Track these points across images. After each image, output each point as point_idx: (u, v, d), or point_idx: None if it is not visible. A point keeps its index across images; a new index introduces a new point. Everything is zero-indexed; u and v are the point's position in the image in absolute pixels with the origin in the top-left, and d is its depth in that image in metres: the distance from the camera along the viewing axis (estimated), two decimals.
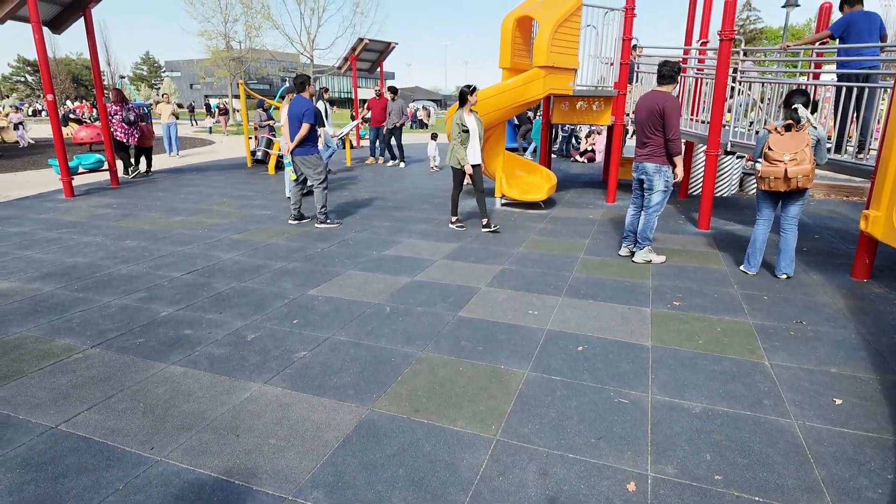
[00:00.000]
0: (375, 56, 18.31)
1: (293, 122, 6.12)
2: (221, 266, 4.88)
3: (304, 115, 6.03)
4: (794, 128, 4.10)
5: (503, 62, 7.48)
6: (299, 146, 6.16)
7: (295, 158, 6.26)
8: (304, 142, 6.16)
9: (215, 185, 9.64)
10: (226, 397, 2.72)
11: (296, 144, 6.13)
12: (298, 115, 6.06)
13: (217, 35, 30.16)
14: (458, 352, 3.22)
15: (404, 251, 5.39)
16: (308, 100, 6.13)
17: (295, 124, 6.11)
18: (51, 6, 8.49)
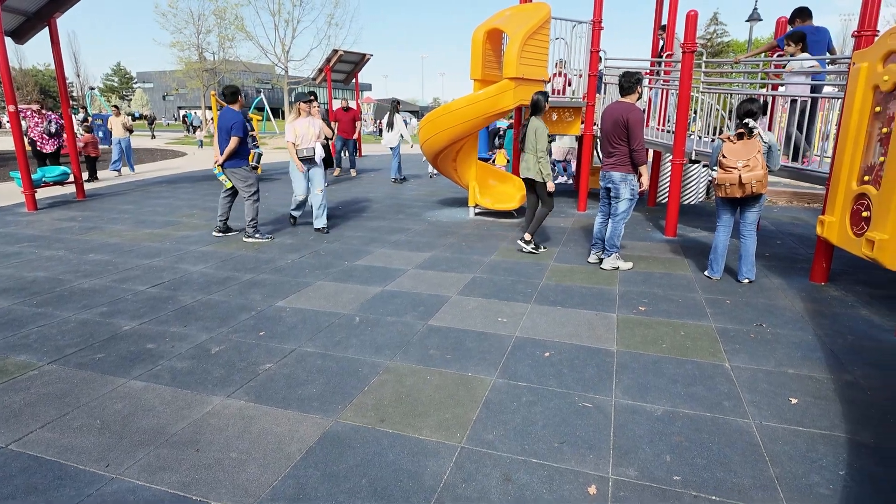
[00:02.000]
0: (351, 67, 18.36)
1: (222, 134, 5.99)
2: (188, 278, 4.80)
3: (233, 129, 5.89)
4: (746, 136, 4.27)
5: (474, 74, 7.56)
6: (229, 159, 6.02)
7: (225, 171, 6.14)
8: (234, 155, 6.02)
9: (185, 196, 9.49)
10: (187, 411, 2.66)
11: (225, 158, 5.99)
12: (227, 127, 5.92)
13: (190, 46, 29.86)
14: (427, 360, 3.21)
15: (376, 261, 5.38)
16: (238, 112, 5.99)
17: (224, 137, 5.97)
18: (13, 16, 8.30)
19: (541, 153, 5.38)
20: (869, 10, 4.18)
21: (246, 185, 6.15)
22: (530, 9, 7.64)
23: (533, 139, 5.37)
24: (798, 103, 5.30)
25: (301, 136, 6.26)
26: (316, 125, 6.38)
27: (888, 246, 3.60)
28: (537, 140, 5.35)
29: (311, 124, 6.33)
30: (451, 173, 8.00)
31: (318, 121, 6.44)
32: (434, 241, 6.26)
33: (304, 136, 6.26)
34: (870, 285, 4.56)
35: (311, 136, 6.31)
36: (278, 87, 29.56)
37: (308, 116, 6.37)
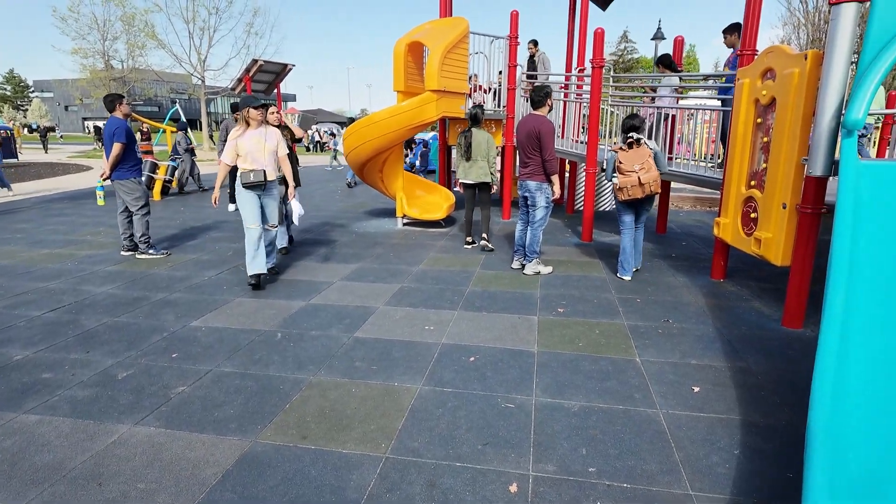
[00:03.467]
0: (272, 77, 17.80)
1: (107, 143, 5.63)
2: (93, 301, 4.46)
3: (115, 135, 5.55)
4: (635, 146, 4.81)
5: (397, 86, 7.62)
6: (115, 169, 5.67)
7: (113, 183, 5.77)
8: (121, 165, 5.68)
9: (91, 213, 8.82)
10: (88, 443, 2.47)
11: (111, 167, 5.63)
12: (109, 135, 5.59)
13: (94, 53, 27.89)
14: (352, 373, 3.17)
15: (300, 275, 5.25)
16: (121, 119, 5.67)
17: (109, 145, 5.62)
18: None
19: (493, 159, 6.09)
20: (750, 31, 4.65)
21: (133, 198, 5.78)
22: (449, 23, 7.83)
23: (484, 147, 6.05)
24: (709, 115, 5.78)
25: (249, 153, 4.64)
26: (273, 137, 4.79)
27: (772, 244, 3.99)
28: (489, 148, 6.06)
29: (266, 137, 4.74)
30: (378, 184, 7.98)
31: (275, 131, 4.86)
32: (361, 252, 6.20)
33: (252, 155, 4.65)
34: (760, 280, 5.02)
35: (265, 153, 4.71)
36: (195, 97, 28.22)
37: (260, 127, 4.75)
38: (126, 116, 5.86)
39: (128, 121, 5.85)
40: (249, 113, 4.64)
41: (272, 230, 5.01)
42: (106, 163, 5.72)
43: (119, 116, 5.74)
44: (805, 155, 3.70)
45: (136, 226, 5.87)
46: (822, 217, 3.69)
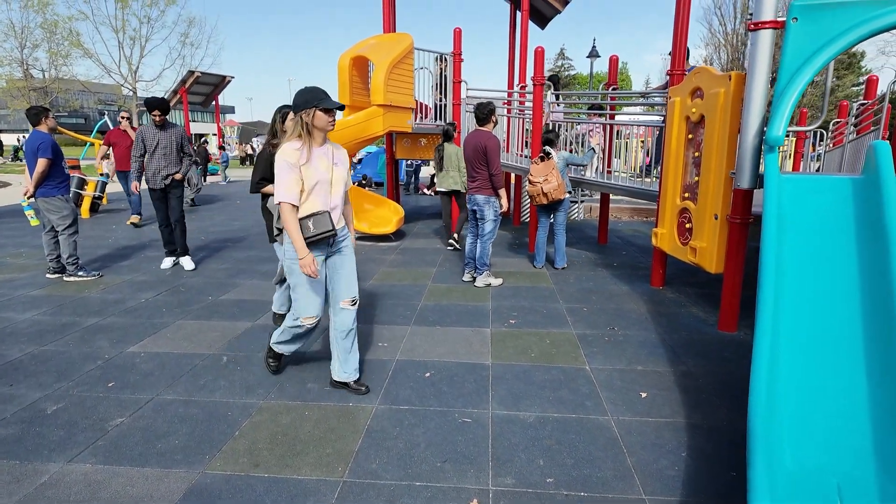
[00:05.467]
0: (210, 89, 17.31)
1: (30, 159, 5.27)
2: (14, 329, 4.12)
3: (39, 150, 5.20)
4: (546, 158, 5.60)
5: (342, 99, 7.57)
6: (40, 186, 5.31)
7: (38, 201, 5.40)
8: (47, 181, 5.32)
9: (9, 233, 8.18)
10: (14, 486, 2.27)
11: (35, 184, 5.27)
12: (33, 150, 5.22)
13: (11, 61, 26.02)
14: (304, 395, 3.09)
15: (245, 294, 5.08)
16: (45, 133, 5.35)
17: (32, 161, 5.25)
18: None
19: (462, 169, 6.85)
20: (678, 52, 4.95)
21: (60, 216, 5.41)
22: (394, 38, 7.89)
23: (455, 160, 6.95)
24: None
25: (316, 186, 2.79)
26: (343, 160, 2.95)
27: (706, 252, 4.24)
28: (459, 160, 6.91)
29: (335, 159, 2.89)
30: None
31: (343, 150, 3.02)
32: None
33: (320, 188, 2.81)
34: (696, 286, 5.31)
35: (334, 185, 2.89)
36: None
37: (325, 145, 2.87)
38: (52, 130, 5.51)
39: (52, 135, 5.50)
40: (315, 118, 2.72)
41: (352, 308, 3.08)
42: (29, 180, 5.33)
43: (44, 130, 5.39)
44: (733, 169, 3.97)
45: (63, 246, 5.49)
46: (750, 226, 3.97)
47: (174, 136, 5.81)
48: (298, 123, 2.74)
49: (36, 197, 5.36)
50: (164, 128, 5.76)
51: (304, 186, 2.75)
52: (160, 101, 5.75)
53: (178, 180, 5.87)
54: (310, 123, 2.74)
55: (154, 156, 5.71)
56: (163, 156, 5.73)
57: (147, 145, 5.70)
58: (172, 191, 5.86)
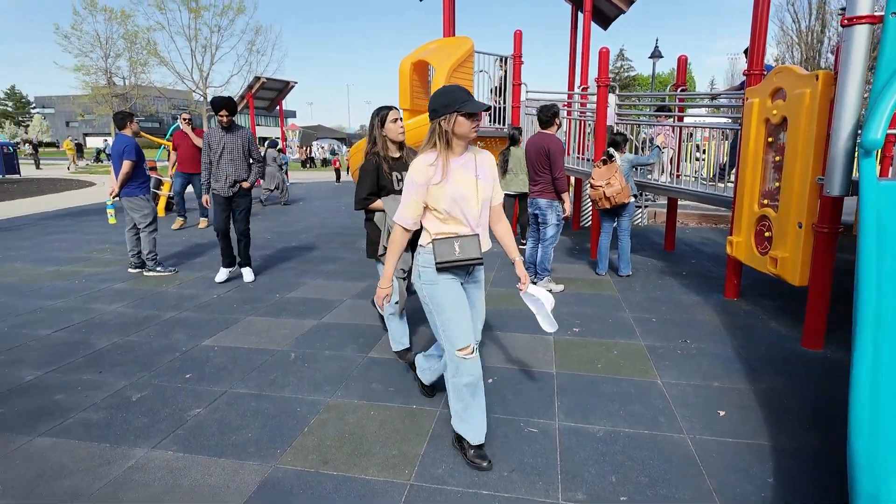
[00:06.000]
0: (274, 94, 17.98)
1: (116, 161, 5.67)
2: (102, 320, 4.41)
3: (125, 152, 5.57)
4: (609, 161, 5.47)
5: (403, 103, 7.67)
6: (125, 186, 5.69)
7: (122, 200, 5.79)
8: (130, 182, 5.70)
9: (95, 230, 8.79)
10: (105, 469, 2.41)
11: (120, 184, 5.64)
12: (119, 152, 5.60)
13: (97, 70, 28.09)
14: (370, 395, 3.12)
15: (310, 292, 5.21)
16: (130, 137, 5.72)
17: (117, 163, 5.64)
18: None
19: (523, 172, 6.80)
20: (756, 52, 4.69)
21: (142, 215, 5.78)
22: (454, 42, 7.92)
23: (523, 162, 6.62)
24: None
25: (456, 204, 2.33)
26: (488, 171, 2.43)
27: (789, 263, 3.97)
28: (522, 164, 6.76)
29: (479, 170, 2.38)
30: None
31: (490, 157, 2.48)
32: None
33: (462, 206, 2.34)
34: (774, 298, 5.00)
35: (479, 201, 2.40)
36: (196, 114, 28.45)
37: (466, 153, 2.38)
38: (135, 134, 5.89)
39: (135, 139, 5.87)
40: (457, 125, 2.23)
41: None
42: (114, 180, 5.72)
43: (128, 134, 5.77)
44: (820, 174, 3.70)
45: (144, 243, 5.85)
46: (840, 236, 3.69)
47: (240, 140, 5.33)
48: (435, 132, 2.27)
49: (120, 196, 5.74)
50: (230, 130, 5.30)
51: (439, 206, 2.30)
52: (227, 99, 5.29)
53: (245, 189, 5.41)
54: (449, 132, 2.25)
55: (220, 161, 5.28)
56: (229, 161, 5.28)
57: (212, 149, 5.27)
58: (239, 201, 5.40)
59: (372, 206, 3.35)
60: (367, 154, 3.33)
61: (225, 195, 5.33)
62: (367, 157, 3.30)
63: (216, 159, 5.28)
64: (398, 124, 3.27)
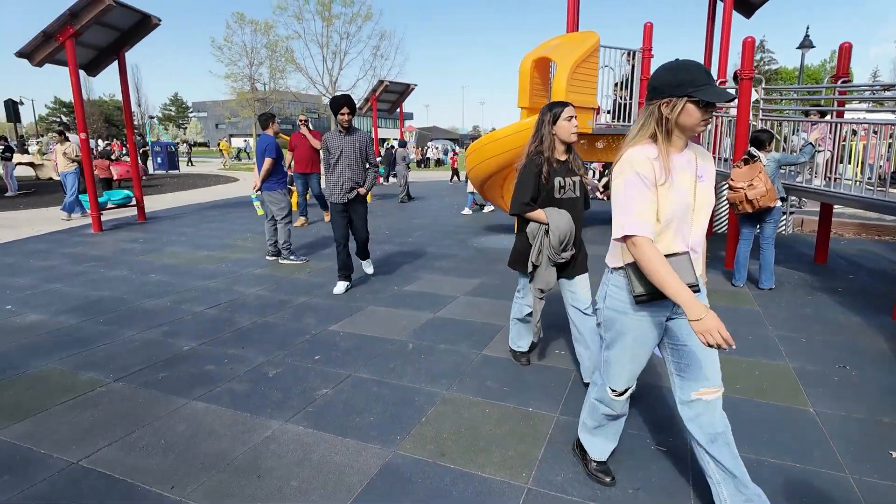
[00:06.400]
0: (395, 97, 18.79)
1: (259, 158, 6.27)
2: (244, 301, 4.88)
3: (266, 151, 6.14)
4: (751, 161, 4.98)
5: (522, 102, 7.59)
6: (265, 181, 6.27)
7: (262, 194, 6.36)
8: (270, 177, 6.26)
9: (239, 221, 9.79)
10: (247, 436, 2.65)
11: (262, 180, 6.24)
12: (261, 150, 6.21)
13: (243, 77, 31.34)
14: (484, 392, 3.12)
15: (426, 287, 5.35)
16: (271, 136, 6.32)
17: (260, 160, 6.24)
18: (87, 50, 8.89)
19: None
20: None
21: (279, 208, 6.33)
22: (578, 38, 7.66)
23: None
24: None
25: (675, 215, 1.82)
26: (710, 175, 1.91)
27: None
28: None
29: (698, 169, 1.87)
30: (499, 200, 7.97)
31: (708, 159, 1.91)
32: (483, 267, 6.19)
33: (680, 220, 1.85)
34: None
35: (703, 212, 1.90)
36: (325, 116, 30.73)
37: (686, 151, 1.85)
38: (275, 134, 6.46)
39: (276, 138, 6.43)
40: (684, 113, 1.74)
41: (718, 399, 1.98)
42: (257, 176, 6.31)
43: (270, 134, 6.35)
44: None
45: (280, 233, 6.39)
46: None
47: (358, 143, 4.98)
48: (652, 115, 1.78)
49: (262, 190, 6.33)
50: (349, 132, 4.98)
51: (659, 216, 1.80)
52: (346, 97, 4.97)
53: (362, 195, 5.09)
54: (671, 119, 1.75)
55: (337, 165, 4.96)
56: (347, 165, 4.95)
57: (331, 153, 4.98)
58: (356, 208, 5.09)
59: (529, 214, 3.00)
60: (528, 154, 2.96)
61: (341, 201, 5.02)
62: (530, 157, 2.95)
63: (333, 163, 5.00)
64: (572, 123, 2.89)
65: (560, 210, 2.95)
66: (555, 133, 2.91)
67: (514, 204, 3.01)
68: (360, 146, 5.00)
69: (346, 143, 4.96)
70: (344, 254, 5.15)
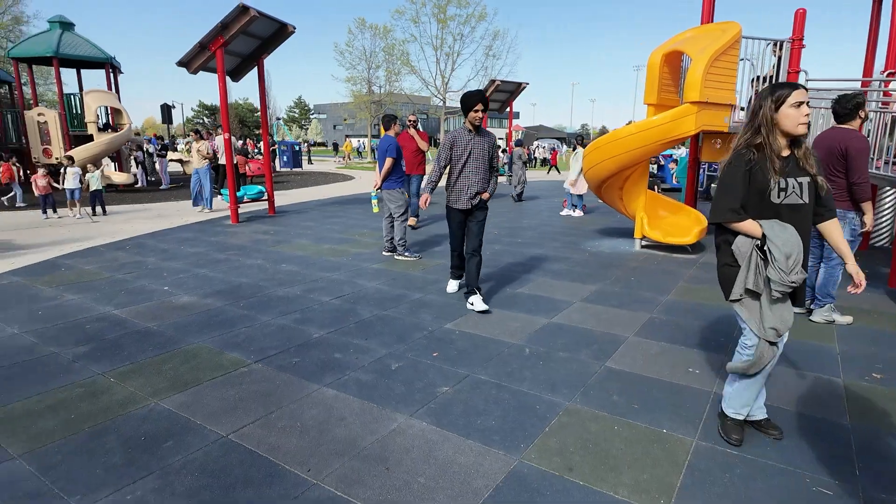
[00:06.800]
0: (506, 96, 18.70)
1: (381, 158, 6.55)
2: (365, 294, 5.09)
3: (387, 151, 6.44)
4: None
5: (649, 98, 7.16)
6: (385, 180, 6.54)
7: (383, 191, 6.63)
8: (390, 176, 6.53)
9: (356, 217, 10.30)
10: (375, 426, 2.73)
11: (382, 178, 6.52)
12: (383, 150, 6.49)
13: (361, 80, 33.08)
14: (611, 407, 2.95)
15: (538, 290, 5.22)
16: (392, 137, 6.59)
17: (382, 160, 6.50)
18: (232, 58, 9.82)
19: None
20: None
21: (397, 205, 6.54)
22: (715, 29, 7.05)
23: None
24: None
25: None
26: None
27: None
28: None
29: None
30: (617, 202, 7.60)
31: None
32: (598, 272, 5.92)
33: None
34: None
35: None
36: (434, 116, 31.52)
37: None
38: (395, 135, 6.68)
39: (395, 138, 6.65)
40: None
41: None
42: (378, 175, 6.57)
43: (391, 135, 6.58)
44: None
45: (396, 230, 6.60)
46: None
47: (487, 145, 4.62)
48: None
49: (381, 189, 6.58)
50: (479, 132, 4.58)
51: None
52: (480, 93, 4.54)
53: (485, 201, 4.69)
54: None
55: (465, 168, 4.56)
56: (474, 168, 4.55)
57: (456, 153, 4.58)
58: (476, 213, 4.69)
59: (737, 225, 2.38)
60: (736, 148, 2.44)
61: (463, 207, 4.62)
62: (738, 152, 2.41)
63: (459, 166, 4.58)
64: (801, 111, 2.31)
65: (786, 226, 2.33)
66: (777, 122, 2.35)
67: (719, 210, 2.41)
68: (488, 147, 4.64)
69: (475, 143, 4.58)
70: (455, 256, 4.99)
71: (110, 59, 15.75)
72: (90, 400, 2.99)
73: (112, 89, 16.29)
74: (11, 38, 30.15)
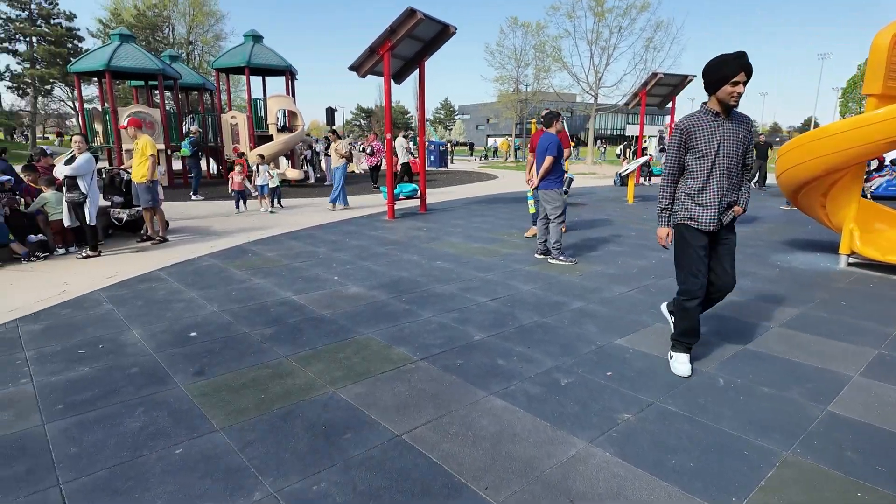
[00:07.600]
0: (668, 91, 17.27)
1: (539, 155, 6.23)
2: (521, 297, 4.89)
3: (548, 149, 6.10)
4: None
5: (871, 88, 5.92)
6: (542, 180, 6.22)
7: (539, 192, 6.31)
8: (548, 176, 6.20)
9: (503, 216, 10.18)
10: (552, 448, 2.50)
11: (540, 178, 6.21)
12: (543, 148, 6.16)
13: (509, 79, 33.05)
14: (845, 467, 2.37)
15: (724, 309, 4.55)
16: (554, 135, 6.22)
17: (541, 158, 6.18)
18: (397, 61, 10.24)
19: None
20: None
21: (553, 207, 6.21)
22: None
23: None
24: None
25: None
26: None
27: None
28: None
29: None
30: (817, 210, 6.46)
31: None
32: (795, 293, 5.04)
33: None
34: None
35: None
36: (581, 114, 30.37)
37: None
38: (557, 132, 6.36)
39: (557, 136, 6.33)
40: None
41: None
42: (535, 174, 6.32)
43: (552, 132, 6.27)
44: None
45: (552, 233, 6.30)
46: None
47: (743, 133, 3.13)
48: None
49: (539, 189, 6.31)
50: (730, 116, 3.08)
51: None
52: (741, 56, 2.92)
53: (738, 216, 3.28)
54: None
55: (713, 169, 3.11)
56: (726, 169, 3.11)
57: (698, 149, 3.11)
58: (727, 237, 3.29)
59: None
60: None
61: (711, 230, 3.18)
62: None
63: (704, 168, 3.12)
64: None
65: None
66: None
67: None
68: (744, 138, 3.13)
69: (726, 133, 3.08)
70: (698, 311, 3.29)
71: (289, 66, 17.58)
72: (278, 381, 3.18)
73: (289, 94, 18.19)
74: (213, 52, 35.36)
